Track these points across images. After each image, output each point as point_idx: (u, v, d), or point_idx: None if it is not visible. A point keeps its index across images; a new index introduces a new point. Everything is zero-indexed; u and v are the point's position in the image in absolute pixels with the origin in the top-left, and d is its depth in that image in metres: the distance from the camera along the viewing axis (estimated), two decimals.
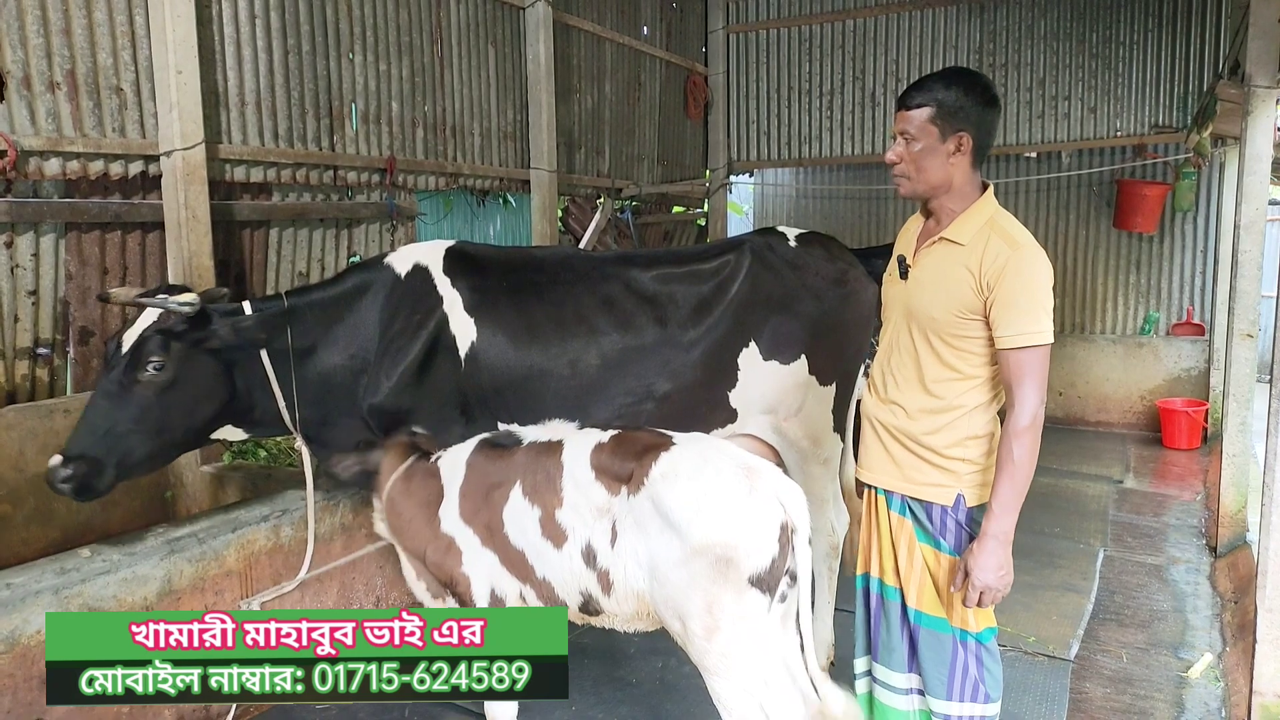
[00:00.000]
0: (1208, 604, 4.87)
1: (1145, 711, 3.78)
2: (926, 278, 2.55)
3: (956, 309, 2.45)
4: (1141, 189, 8.39)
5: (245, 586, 3.72)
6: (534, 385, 3.64)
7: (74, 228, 4.42)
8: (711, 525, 2.41)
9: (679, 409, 3.74)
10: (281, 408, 3.55)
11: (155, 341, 3.27)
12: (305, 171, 5.41)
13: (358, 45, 5.70)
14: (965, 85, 2.48)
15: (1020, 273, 2.36)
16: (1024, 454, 2.36)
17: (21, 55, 4.04)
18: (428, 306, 3.67)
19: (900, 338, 2.62)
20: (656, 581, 2.52)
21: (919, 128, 2.48)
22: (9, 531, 4.21)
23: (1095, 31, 8.67)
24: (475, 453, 2.93)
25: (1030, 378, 2.36)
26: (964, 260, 2.45)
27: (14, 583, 3.06)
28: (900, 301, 2.63)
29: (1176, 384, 8.66)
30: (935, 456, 2.55)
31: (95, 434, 3.23)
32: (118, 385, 3.27)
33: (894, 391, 2.63)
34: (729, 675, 2.47)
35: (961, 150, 2.48)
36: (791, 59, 9.96)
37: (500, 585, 2.81)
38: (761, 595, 2.42)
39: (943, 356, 2.51)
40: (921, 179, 2.53)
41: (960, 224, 2.50)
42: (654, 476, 2.52)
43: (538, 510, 2.71)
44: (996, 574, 2.40)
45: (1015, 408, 2.37)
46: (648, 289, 3.84)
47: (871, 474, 2.72)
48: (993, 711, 2.69)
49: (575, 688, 3.86)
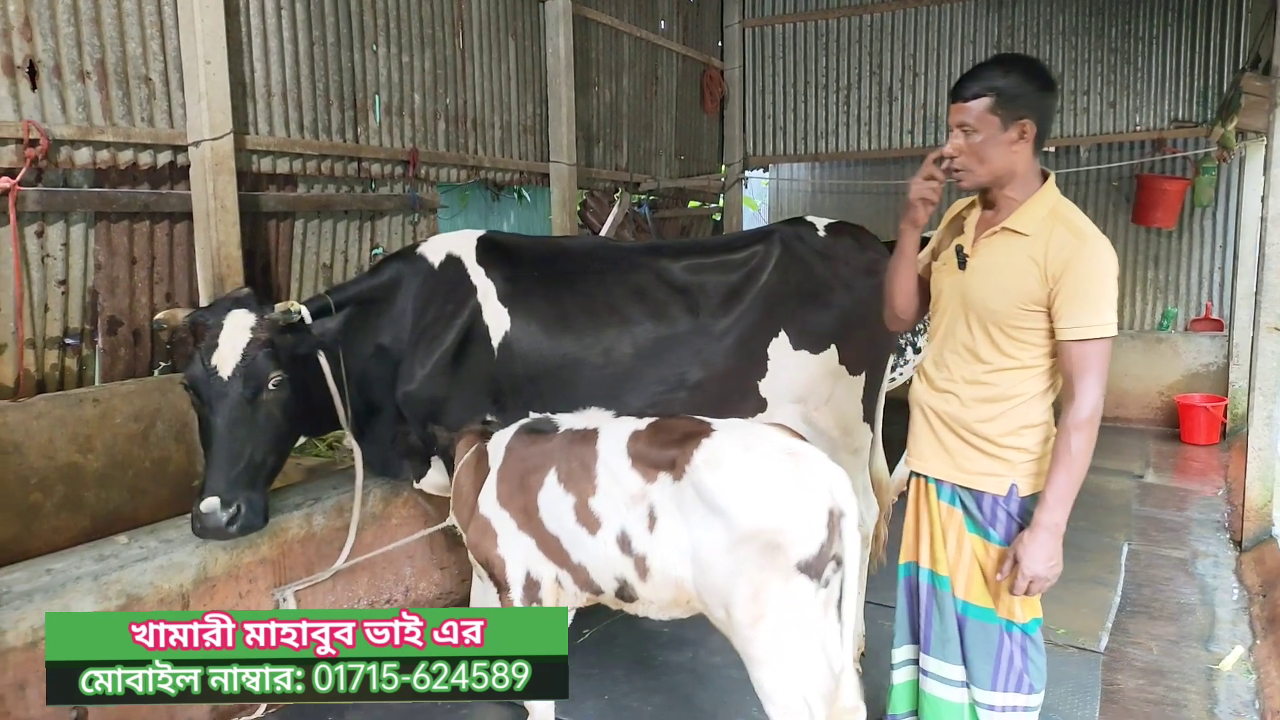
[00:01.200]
0: (1235, 597, 4.86)
1: (1179, 703, 3.77)
2: (987, 268, 2.51)
3: (1018, 300, 2.43)
4: (1161, 184, 8.36)
5: (278, 574, 3.73)
6: (567, 374, 3.64)
7: (103, 217, 4.42)
8: (759, 510, 2.41)
9: (710, 397, 3.74)
10: (338, 404, 3.57)
11: (265, 356, 3.24)
12: (330, 163, 5.41)
13: (381, 37, 5.70)
14: (1023, 71, 2.45)
15: (1086, 264, 2.34)
16: (1082, 446, 2.36)
17: (53, 44, 4.04)
18: (461, 296, 3.68)
19: (956, 327, 2.59)
20: (700, 569, 2.51)
21: (978, 118, 2.43)
22: (40, 520, 4.22)
23: (1114, 26, 8.64)
24: (515, 437, 2.94)
25: (1092, 370, 2.34)
26: (1028, 251, 2.42)
27: (54, 569, 3.08)
28: (957, 291, 2.59)
29: (1195, 379, 8.63)
30: (989, 445, 2.53)
31: (238, 465, 3.20)
32: (242, 411, 3.21)
33: (948, 380, 2.61)
34: (774, 664, 2.46)
35: (1025, 138, 2.44)
36: (807, 53, 9.94)
37: (536, 568, 2.82)
38: (809, 581, 2.41)
39: (1001, 346, 2.49)
40: (985, 170, 2.48)
41: (1023, 214, 2.47)
42: (697, 463, 2.51)
43: (572, 496, 2.71)
44: (1046, 564, 2.40)
45: (1076, 400, 2.36)
46: (679, 278, 3.85)
47: (922, 462, 2.70)
48: (1036, 702, 2.68)
49: (607, 675, 3.87)
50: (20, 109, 3.94)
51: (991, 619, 2.61)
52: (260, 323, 3.29)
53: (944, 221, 2.81)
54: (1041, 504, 2.41)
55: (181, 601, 3.38)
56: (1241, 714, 3.68)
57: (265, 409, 3.26)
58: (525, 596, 2.82)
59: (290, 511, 3.81)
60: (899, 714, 2.86)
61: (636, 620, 4.27)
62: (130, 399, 4.48)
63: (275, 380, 3.24)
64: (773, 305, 3.85)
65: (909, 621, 2.80)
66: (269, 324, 3.30)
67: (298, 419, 3.49)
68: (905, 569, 2.80)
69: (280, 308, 3.32)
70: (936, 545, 2.66)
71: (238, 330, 3.27)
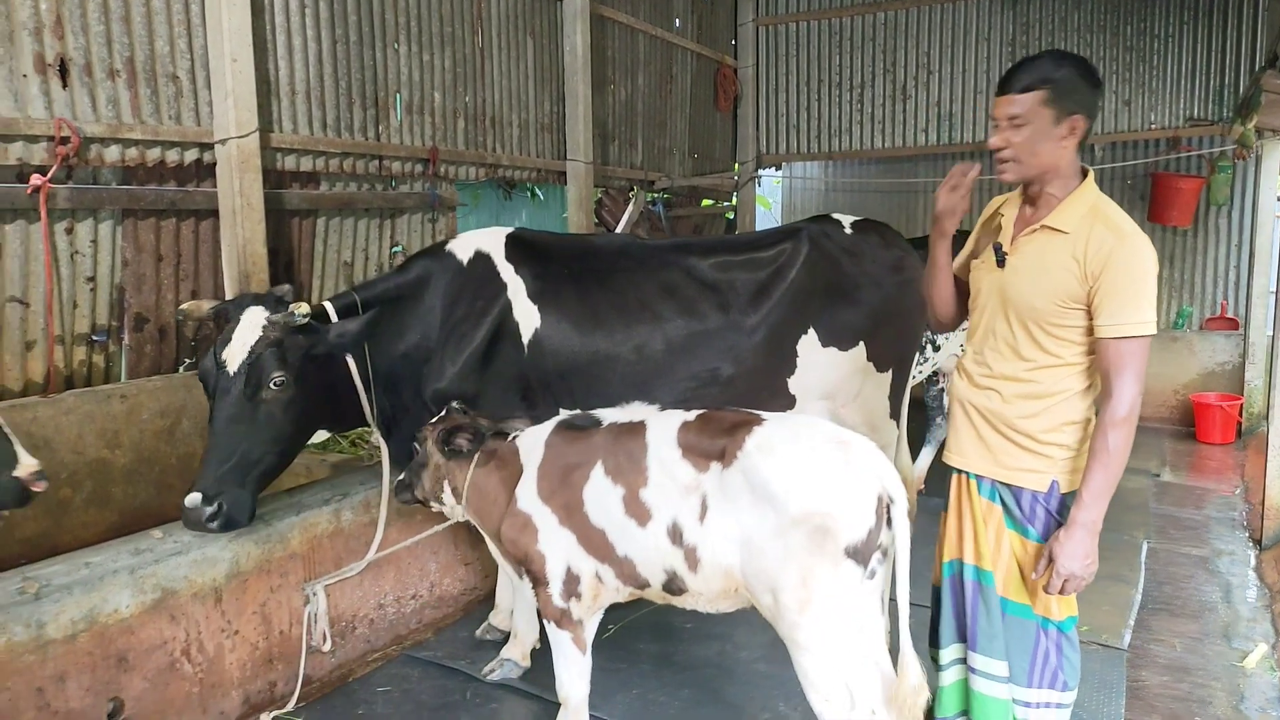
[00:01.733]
0: (1256, 595, 4.86)
1: (1204, 700, 3.78)
2: (1026, 266, 2.51)
3: (1059, 298, 2.43)
4: (1176, 182, 8.35)
5: (309, 569, 3.75)
6: (599, 370, 3.66)
7: (130, 214, 4.45)
8: (810, 495, 2.43)
9: (740, 393, 3.76)
10: (364, 402, 3.58)
11: (271, 356, 3.25)
12: (352, 161, 5.44)
13: (402, 35, 5.72)
14: (1076, 66, 2.43)
15: (1126, 262, 2.34)
16: (1119, 444, 2.36)
17: (83, 42, 4.07)
18: (491, 293, 3.70)
19: (996, 324, 2.60)
20: (750, 555, 2.53)
21: (1031, 110, 2.40)
22: (69, 515, 4.25)
23: (1129, 24, 8.63)
24: (554, 434, 2.95)
25: (1130, 368, 2.34)
26: (1068, 249, 2.42)
27: (92, 562, 3.11)
28: (996, 289, 2.60)
29: (1210, 378, 8.61)
30: (1030, 441, 2.53)
31: (229, 462, 3.21)
32: (241, 408, 3.22)
33: (988, 376, 2.61)
34: (819, 651, 2.48)
35: (1074, 133, 2.42)
36: (821, 52, 9.94)
37: (576, 563, 2.84)
38: (856, 567, 2.44)
39: (1041, 343, 2.49)
40: (1034, 163, 2.45)
41: (1063, 211, 2.46)
42: (748, 450, 2.54)
43: (620, 489, 2.73)
44: (1082, 562, 2.40)
45: (1113, 397, 2.36)
46: (708, 275, 3.86)
47: (963, 458, 2.70)
48: (1069, 700, 2.69)
49: (635, 671, 3.89)
50: (51, 106, 3.97)
51: (1029, 615, 2.61)
52: (271, 322, 3.28)
53: (981, 219, 2.80)
54: (1078, 502, 2.41)
55: (214, 596, 3.41)
56: (1268, 711, 3.68)
57: (265, 408, 3.26)
58: (565, 592, 2.84)
59: (319, 507, 3.84)
60: (949, 715, 2.82)
61: (661, 615, 4.34)
62: (157, 395, 4.52)
63: (277, 380, 3.24)
64: (801, 302, 3.87)
65: (955, 620, 2.77)
66: (279, 324, 3.29)
67: (306, 419, 3.48)
68: (949, 567, 2.77)
69: (292, 308, 3.30)
70: (981, 541, 2.65)
71: (249, 327, 3.28)
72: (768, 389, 3.83)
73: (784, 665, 3.84)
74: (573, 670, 2.95)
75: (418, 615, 4.34)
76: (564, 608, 2.85)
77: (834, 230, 4.06)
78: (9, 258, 4.01)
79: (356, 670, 3.95)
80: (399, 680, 3.87)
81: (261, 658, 3.60)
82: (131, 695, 3.15)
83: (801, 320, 3.87)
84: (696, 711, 3.61)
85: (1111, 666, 4.01)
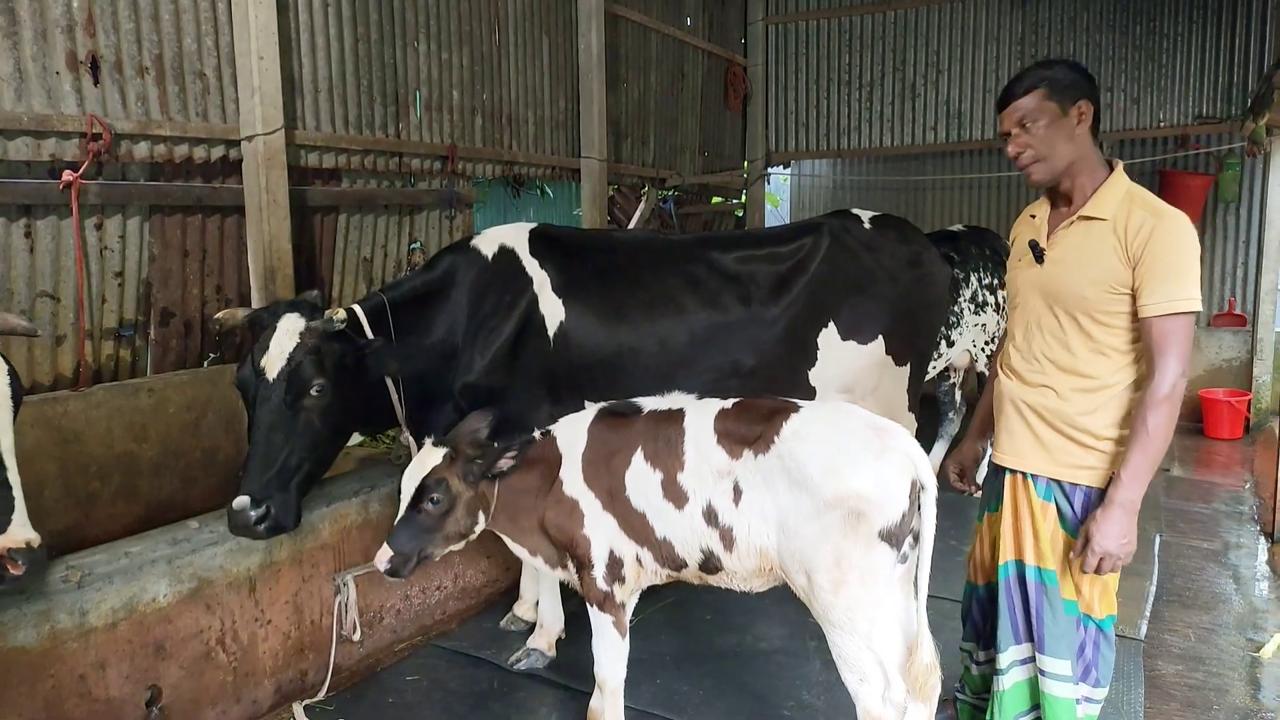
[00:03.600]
0: (1269, 587, 4.91)
1: (1221, 689, 3.83)
2: (1069, 257, 2.55)
3: (1107, 283, 2.45)
4: (1185, 180, 8.39)
5: (339, 559, 3.81)
6: (624, 362, 3.71)
7: (157, 211, 4.50)
8: (845, 479, 2.49)
9: (761, 385, 3.81)
10: (396, 404, 3.62)
11: (310, 363, 3.27)
12: (373, 158, 5.49)
13: (422, 34, 5.77)
14: (1067, 63, 2.58)
15: (1166, 239, 2.37)
16: (1160, 424, 2.37)
17: (114, 40, 4.12)
18: (518, 287, 3.75)
19: (1043, 320, 2.62)
20: (786, 536, 2.60)
21: (1037, 107, 2.50)
22: (98, 507, 4.31)
23: (1139, 23, 8.68)
24: (596, 422, 3.01)
25: (1175, 346, 2.35)
26: (1109, 232, 2.46)
27: (131, 552, 3.16)
28: (1037, 286, 2.63)
29: (1218, 374, 8.66)
30: (1088, 438, 2.56)
31: (273, 468, 3.23)
32: (282, 415, 3.24)
33: (1041, 375, 2.63)
34: (852, 630, 2.54)
35: (1084, 119, 2.51)
36: (830, 50, 9.99)
37: (619, 547, 2.91)
38: (889, 550, 2.50)
39: (1092, 335, 2.52)
40: (1056, 156, 2.52)
41: (1099, 200, 2.52)
42: (785, 435, 2.62)
43: (659, 474, 2.80)
44: (1119, 542, 2.42)
45: (1155, 376, 2.38)
46: (730, 268, 3.91)
47: (1018, 458, 2.70)
48: (1100, 695, 2.72)
49: (656, 662, 3.94)
50: (83, 103, 4.02)
51: (1072, 610, 2.64)
52: (309, 329, 3.30)
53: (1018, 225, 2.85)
54: (1116, 481, 2.43)
55: (249, 585, 3.46)
56: None
57: (305, 415, 3.28)
58: (608, 575, 2.90)
59: (349, 499, 3.89)
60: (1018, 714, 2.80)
61: (680, 608, 4.40)
62: (183, 389, 4.57)
63: (318, 387, 3.26)
64: (822, 296, 3.92)
65: (1016, 621, 2.74)
66: (316, 331, 3.31)
67: (343, 424, 3.50)
68: (1006, 569, 2.75)
69: (329, 314, 3.32)
70: (1042, 541, 2.66)
71: (287, 335, 3.29)
72: (788, 381, 3.89)
73: (804, 657, 3.95)
74: (612, 653, 3.01)
75: (442, 606, 4.40)
76: (608, 590, 2.91)
77: (854, 225, 4.12)
78: (41, 253, 4.06)
79: (384, 660, 4.01)
80: (427, 670, 3.93)
81: (293, 647, 3.65)
82: (168, 683, 3.21)
83: (822, 314, 3.92)
84: (720, 701, 3.66)
85: (1129, 657, 4.05)
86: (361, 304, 3.70)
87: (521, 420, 3.49)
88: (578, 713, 3.48)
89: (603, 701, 3.08)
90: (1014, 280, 2.76)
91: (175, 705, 3.23)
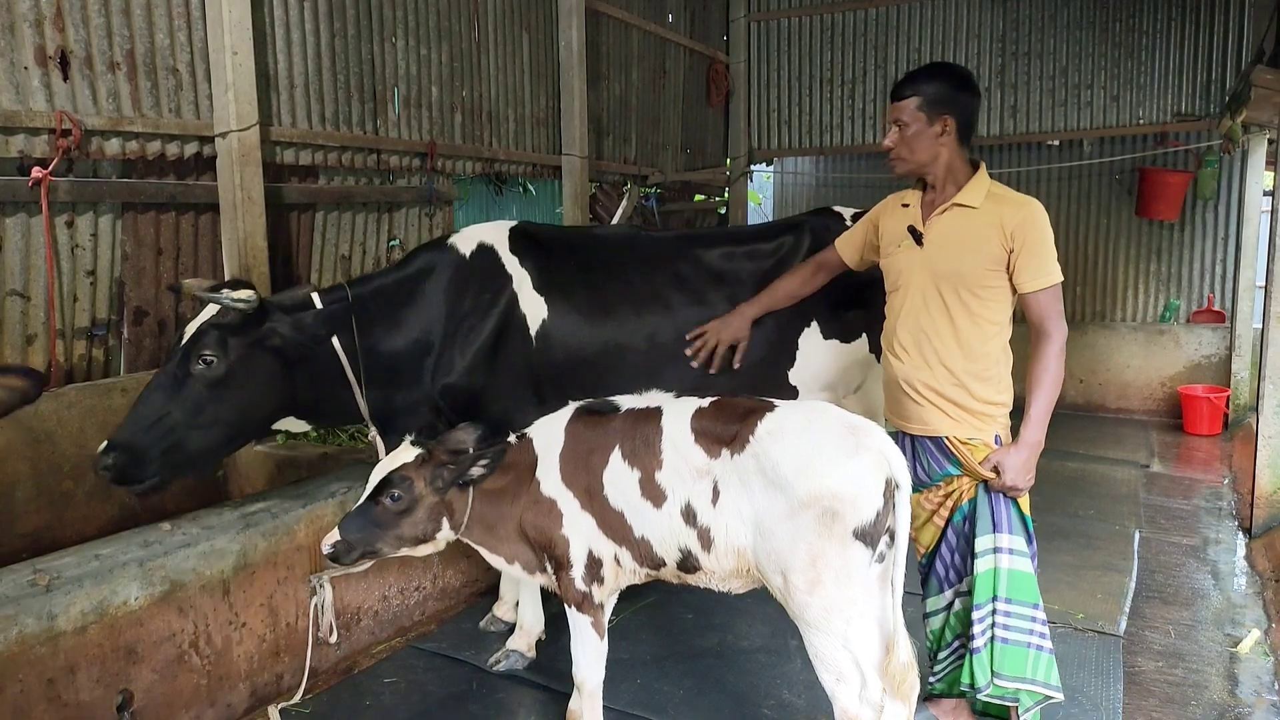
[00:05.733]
0: (1247, 582, 4.94)
1: (1199, 685, 3.84)
2: (946, 239, 2.93)
3: (984, 262, 2.86)
4: (1164, 177, 8.45)
5: (314, 561, 3.76)
6: (609, 360, 3.68)
7: (130, 208, 4.45)
8: (819, 478, 2.48)
9: (745, 383, 3.79)
10: (358, 396, 3.56)
11: (210, 336, 3.26)
12: (350, 155, 5.44)
13: (400, 29, 5.73)
14: (946, 77, 2.95)
15: (1037, 225, 2.81)
16: (1059, 372, 2.85)
17: (84, 34, 4.06)
18: (497, 286, 3.71)
19: (928, 299, 2.97)
20: (761, 536, 2.59)
21: (910, 115, 2.92)
22: (71, 508, 4.25)
23: (1118, 20, 8.72)
24: (573, 420, 2.98)
25: (1056, 309, 2.84)
26: (984, 220, 2.86)
27: (102, 554, 3.11)
28: (920, 266, 2.98)
29: (1197, 371, 8.72)
30: (974, 403, 2.94)
31: (141, 424, 3.22)
32: (170, 378, 3.25)
33: (927, 351, 2.97)
34: (828, 629, 2.52)
35: (947, 131, 2.91)
36: (812, 47, 9.99)
37: (597, 547, 2.88)
38: (864, 549, 2.48)
39: (971, 307, 2.90)
40: (915, 158, 2.97)
41: (968, 192, 2.93)
42: (759, 434, 2.61)
43: (637, 472, 2.78)
44: (1025, 476, 2.85)
45: (1051, 335, 2.83)
46: (714, 266, 3.89)
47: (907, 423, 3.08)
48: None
49: (637, 662, 3.92)
50: (52, 99, 3.96)
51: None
52: (222, 307, 3.27)
53: (874, 211, 3.33)
54: (1026, 422, 2.83)
55: (222, 588, 3.42)
56: (1262, 694, 3.75)
57: (190, 384, 3.25)
58: (587, 575, 2.87)
59: (325, 499, 3.85)
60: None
61: (662, 608, 4.38)
62: None
63: (206, 359, 3.23)
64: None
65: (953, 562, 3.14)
66: (224, 309, 3.27)
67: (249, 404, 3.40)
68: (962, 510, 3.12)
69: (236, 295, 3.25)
70: None
71: (208, 310, 3.31)
72: (769, 380, 3.87)
73: (785, 656, 3.94)
74: (591, 655, 2.98)
75: (421, 607, 4.36)
76: (586, 591, 2.88)
77: (835, 223, 4.10)
78: (10, 251, 4.00)
79: (361, 662, 3.96)
80: (405, 671, 3.89)
81: (268, 650, 3.61)
82: (141, 687, 3.15)
83: (803, 313, 3.90)
84: (701, 700, 3.64)
85: (1108, 654, 4.07)
86: (323, 293, 3.60)
87: (507, 421, 3.44)
88: (557, 714, 3.46)
89: (581, 703, 3.06)
90: (894, 263, 3.09)
91: (148, 709, 3.18)
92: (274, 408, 3.51)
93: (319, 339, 3.47)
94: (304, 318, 3.43)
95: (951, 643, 3.14)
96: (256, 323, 3.34)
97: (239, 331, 3.30)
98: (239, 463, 4.88)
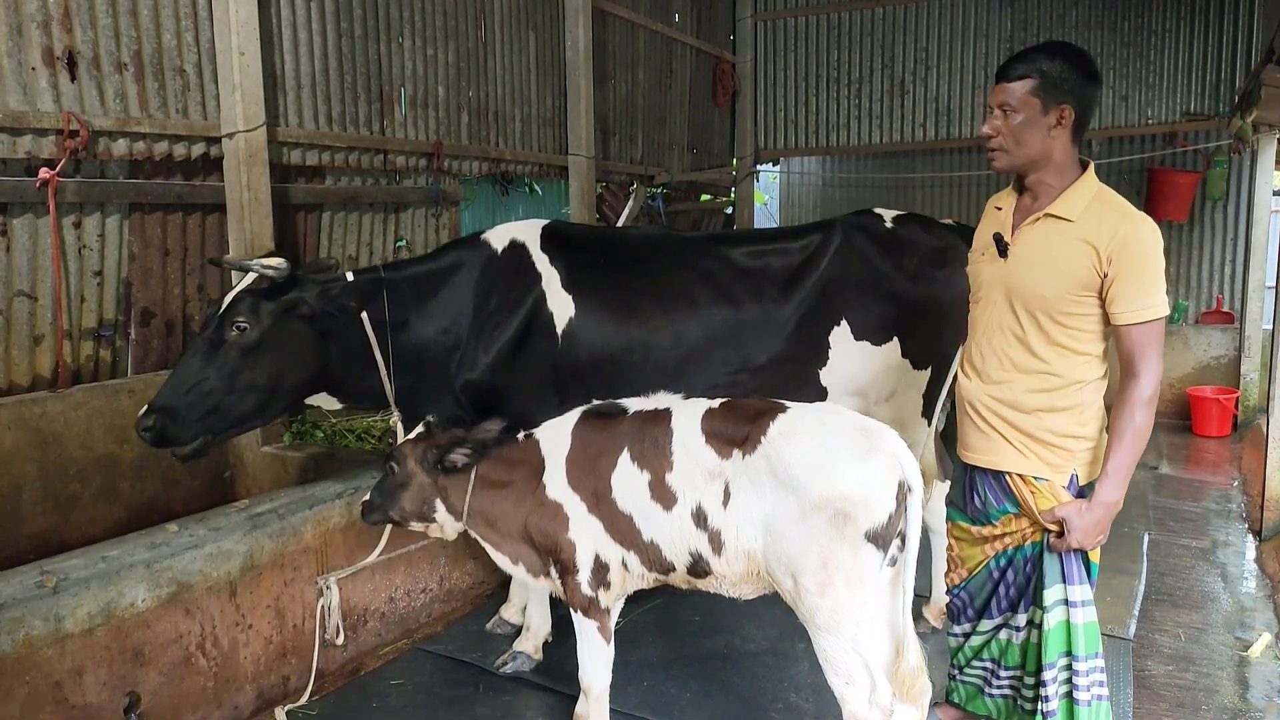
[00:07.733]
0: (1258, 585, 4.91)
1: (1210, 689, 3.81)
2: (1031, 255, 2.52)
3: (1070, 287, 2.44)
4: (1173, 177, 8.40)
5: (321, 562, 3.76)
6: (634, 359, 3.67)
7: (137, 209, 4.45)
8: (831, 480, 2.46)
9: (772, 382, 3.77)
10: (383, 377, 3.58)
11: (244, 303, 3.34)
12: (357, 156, 5.44)
13: (406, 30, 5.72)
14: (1069, 57, 2.47)
15: (1141, 246, 2.37)
16: (1145, 423, 2.41)
17: (91, 35, 4.06)
18: (526, 283, 3.70)
19: (1003, 318, 2.61)
20: (772, 538, 2.56)
21: (1020, 99, 2.46)
22: (77, 510, 4.25)
23: (1127, 20, 8.68)
24: (580, 423, 2.96)
25: (1153, 349, 2.39)
26: (1078, 235, 2.43)
27: (109, 556, 3.10)
28: (999, 281, 2.61)
29: (1206, 372, 8.67)
30: (1050, 435, 2.55)
31: (180, 389, 3.29)
32: (206, 344, 3.34)
33: (1000, 372, 2.62)
34: (838, 632, 2.50)
35: (1063, 123, 2.46)
36: (819, 47, 9.96)
37: (604, 551, 2.87)
38: (876, 552, 2.46)
39: (1051, 335, 2.51)
40: (1020, 152, 2.50)
41: (1066, 200, 2.49)
42: (771, 436, 2.58)
43: (647, 475, 2.76)
44: (1094, 539, 2.51)
45: (1139, 379, 2.40)
46: (742, 264, 3.88)
47: (976, 454, 2.72)
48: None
49: (644, 664, 3.90)
50: (60, 100, 3.96)
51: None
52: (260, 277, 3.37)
53: (983, 218, 2.82)
54: (1103, 478, 2.45)
55: (229, 589, 3.41)
56: (1274, 699, 3.72)
57: (225, 350, 3.32)
58: (594, 580, 2.86)
59: (332, 500, 3.84)
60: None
61: (669, 611, 4.37)
62: None
63: (239, 325, 3.31)
64: (833, 292, 3.86)
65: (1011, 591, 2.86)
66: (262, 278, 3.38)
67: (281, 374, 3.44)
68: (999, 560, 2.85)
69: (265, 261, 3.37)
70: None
71: (248, 279, 3.40)
72: (798, 379, 3.82)
73: (792, 659, 3.92)
74: (597, 659, 2.97)
75: (427, 609, 4.35)
76: (592, 596, 2.87)
77: (871, 223, 4.06)
78: (17, 252, 4.00)
79: (368, 663, 3.96)
80: (411, 673, 3.88)
81: (275, 652, 3.60)
82: (147, 689, 3.15)
83: (832, 311, 3.86)
84: (708, 703, 3.63)
85: (1118, 657, 4.04)
86: (356, 272, 3.67)
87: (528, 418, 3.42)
88: (564, 717, 3.44)
89: (588, 706, 3.05)
90: (977, 274, 2.74)
91: (155, 711, 3.18)
92: (305, 378, 3.55)
93: (347, 310, 3.49)
94: (333, 288, 3.47)
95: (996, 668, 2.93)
96: (285, 291, 3.40)
97: (269, 299, 3.37)
98: (246, 464, 4.88)
